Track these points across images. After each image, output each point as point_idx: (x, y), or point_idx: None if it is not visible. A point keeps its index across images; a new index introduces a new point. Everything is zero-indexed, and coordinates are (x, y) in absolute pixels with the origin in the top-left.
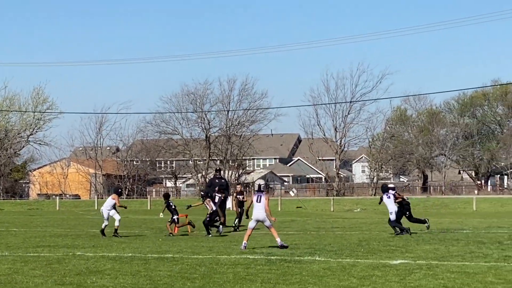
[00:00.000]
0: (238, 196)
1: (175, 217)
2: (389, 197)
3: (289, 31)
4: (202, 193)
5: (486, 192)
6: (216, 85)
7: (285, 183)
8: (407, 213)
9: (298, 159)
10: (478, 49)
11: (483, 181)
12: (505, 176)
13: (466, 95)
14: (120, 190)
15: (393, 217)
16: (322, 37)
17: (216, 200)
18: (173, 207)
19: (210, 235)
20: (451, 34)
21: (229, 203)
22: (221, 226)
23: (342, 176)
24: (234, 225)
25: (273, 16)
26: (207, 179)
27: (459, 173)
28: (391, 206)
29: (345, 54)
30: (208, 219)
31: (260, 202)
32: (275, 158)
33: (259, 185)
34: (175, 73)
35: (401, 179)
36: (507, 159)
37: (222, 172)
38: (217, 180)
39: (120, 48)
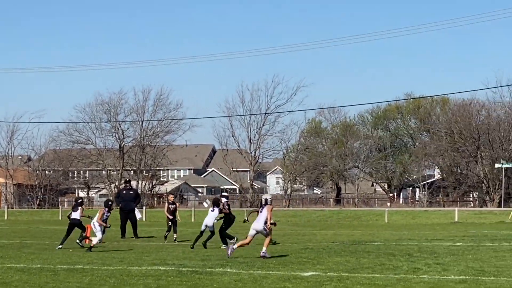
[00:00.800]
0: (170, 206)
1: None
2: (212, 211)
3: (205, 42)
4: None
5: (398, 204)
6: (131, 95)
7: (199, 194)
8: (224, 225)
9: (213, 170)
10: (392, 63)
11: (395, 194)
12: (417, 189)
13: (379, 108)
14: (110, 203)
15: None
16: (238, 49)
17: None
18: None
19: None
20: (365, 47)
21: (139, 214)
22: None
23: (256, 187)
24: (165, 236)
25: (189, 27)
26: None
27: (372, 185)
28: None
29: (260, 66)
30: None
31: (262, 213)
32: (189, 169)
33: (266, 199)
34: (89, 82)
35: (315, 191)
36: (419, 172)
37: (132, 183)
38: (124, 192)
39: (33, 57)
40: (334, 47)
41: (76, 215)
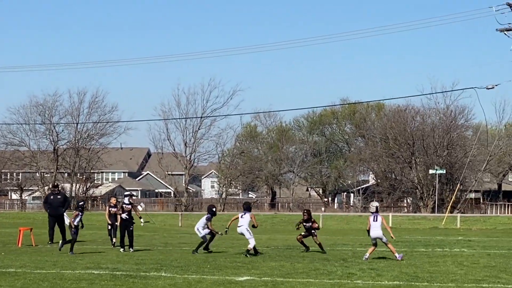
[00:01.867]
0: (111, 209)
1: None
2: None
3: (141, 44)
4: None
5: (332, 209)
6: (66, 97)
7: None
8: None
9: (148, 174)
10: (328, 68)
11: (330, 199)
12: (351, 194)
13: (315, 113)
14: (214, 209)
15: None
16: (174, 52)
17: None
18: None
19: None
20: (301, 52)
21: (67, 220)
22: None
23: (191, 191)
24: (112, 242)
25: (125, 29)
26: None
27: (307, 190)
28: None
29: (196, 70)
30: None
31: (376, 221)
32: (124, 172)
33: (376, 207)
34: (24, 84)
35: (250, 195)
36: (354, 177)
37: (65, 186)
38: (52, 197)
39: None
40: (270, 51)
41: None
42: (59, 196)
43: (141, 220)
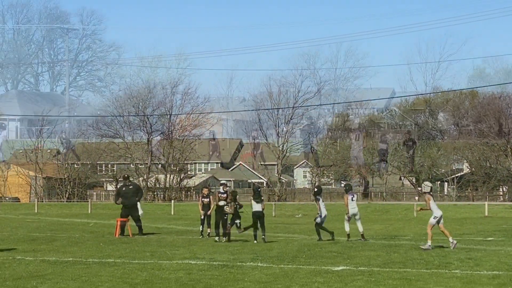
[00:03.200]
0: (203, 200)
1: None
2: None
3: (233, 37)
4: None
5: None
6: (159, 89)
7: (228, 187)
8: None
9: (240, 164)
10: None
11: None
12: (445, 183)
13: (408, 101)
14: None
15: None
16: (266, 42)
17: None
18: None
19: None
20: (393, 40)
21: (141, 210)
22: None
23: (283, 181)
24: (201, 232)
25: (204, 22)
26: (148, 183)
27: (400, 179)
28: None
29: (289, 60)
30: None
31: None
32: (216, 163)
33: (431, 187)
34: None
35: (343, 185)
36: (448, 166)
37: (130, 179)
38: (124, 188)
39: None
40: (361, 40)
41: (259, 207)
42: (131, 187)
43: (230, 209)
